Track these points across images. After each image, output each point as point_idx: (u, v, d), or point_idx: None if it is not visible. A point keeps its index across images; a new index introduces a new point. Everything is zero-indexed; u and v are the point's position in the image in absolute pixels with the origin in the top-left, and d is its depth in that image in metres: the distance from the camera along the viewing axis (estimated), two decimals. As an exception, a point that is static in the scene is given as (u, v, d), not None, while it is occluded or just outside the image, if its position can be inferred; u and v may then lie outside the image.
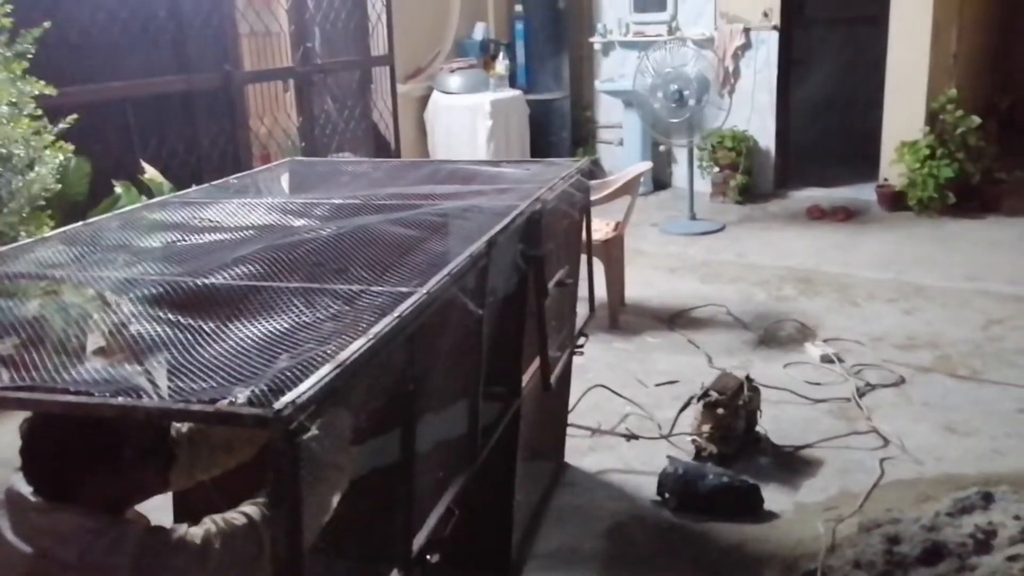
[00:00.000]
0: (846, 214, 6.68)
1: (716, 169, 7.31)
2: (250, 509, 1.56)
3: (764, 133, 7.31)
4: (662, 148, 7.31)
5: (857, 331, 4.52)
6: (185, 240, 2.07)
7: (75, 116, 3.86)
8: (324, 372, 1.22)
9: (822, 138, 8.11)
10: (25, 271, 1.84)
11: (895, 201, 6.72)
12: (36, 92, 3.65)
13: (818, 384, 3.95)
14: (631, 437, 3.53)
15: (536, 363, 2.60)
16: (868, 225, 6.51)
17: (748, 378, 3.45)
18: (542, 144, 7.67)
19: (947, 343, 4.34)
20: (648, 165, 5.92)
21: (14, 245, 2.14)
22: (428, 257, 1.88)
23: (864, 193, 7.07)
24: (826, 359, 4.17)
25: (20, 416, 1.51)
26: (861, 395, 3.81)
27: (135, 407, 1.20)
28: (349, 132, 6.25)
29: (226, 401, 1.15)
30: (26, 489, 1.50)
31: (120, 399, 1.18)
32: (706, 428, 3.30)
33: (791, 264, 5.65)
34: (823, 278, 5.37)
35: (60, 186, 3.72)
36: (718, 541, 2.90)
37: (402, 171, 3.08)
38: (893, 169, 6.72)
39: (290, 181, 3.03)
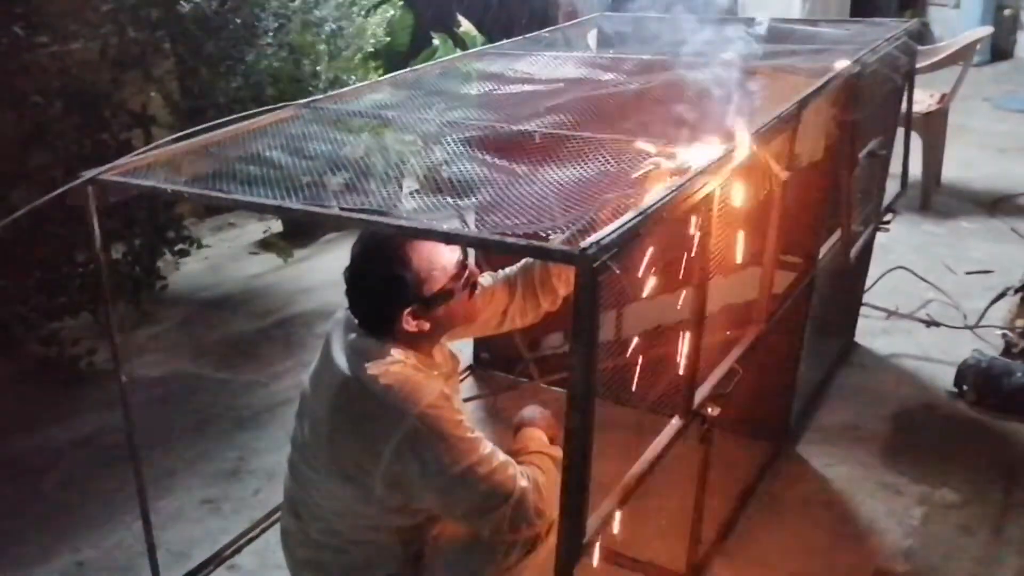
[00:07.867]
0: None
1: (1072, 37, 6.39)
2: (525, 470, 1.61)
3: None
4: (1008, 11, 6.47)
5: None
6: (500, 89, 2.18)
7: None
8: (627, 217, 1.26)
9: None
10: (360, 110, 2.04)
11: None
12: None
13: None
14: (931, 324, 3.33)
15: (836, 235, 2.51)
16: None
17: (1079, 274, 3.11)
18: (863, 5, 7.04)
19: None
20: (987, 31, 5.28)
21: (351, 88, 2.37)
22: (733, 116, 1.84)
23: None
24: None
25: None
26: None
27: (459, 235, 1.32)
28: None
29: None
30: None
31: (446, 226, 1.30)
32: (1021, 323, 3.04)
33: None
34: None
35: (388, 38, 3.98)
36: (1019, 443, 2.71)
37: (710, 29, 2.99)
38: None
39: (597, 36, 3.07)
